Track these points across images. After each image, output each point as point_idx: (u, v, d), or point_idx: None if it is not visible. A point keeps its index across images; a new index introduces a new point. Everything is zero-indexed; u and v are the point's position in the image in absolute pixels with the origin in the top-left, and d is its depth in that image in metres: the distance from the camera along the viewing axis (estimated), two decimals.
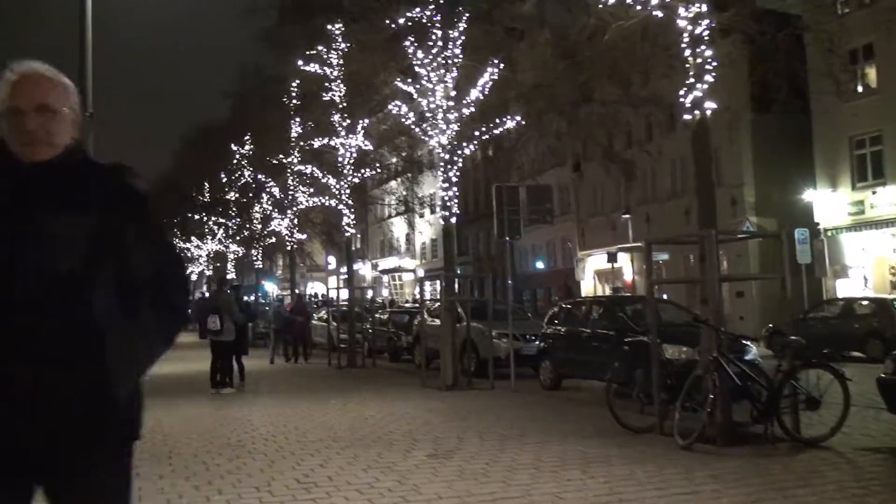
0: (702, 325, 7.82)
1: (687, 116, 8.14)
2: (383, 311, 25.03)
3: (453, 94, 13.81)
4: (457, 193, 14.01)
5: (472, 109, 13.87)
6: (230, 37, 33.24)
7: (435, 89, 13.73)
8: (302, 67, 18.81)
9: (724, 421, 7.38)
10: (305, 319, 21.27)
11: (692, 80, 8.00)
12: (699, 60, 7.96)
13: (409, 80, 14.13)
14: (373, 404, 11.29)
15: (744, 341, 11.16)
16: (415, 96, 14.07)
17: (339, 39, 17.76)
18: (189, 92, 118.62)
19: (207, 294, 29.69)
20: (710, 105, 8.04)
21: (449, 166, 13.90)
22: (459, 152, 13.98)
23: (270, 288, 54.42)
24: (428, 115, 13.83)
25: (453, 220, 14.09)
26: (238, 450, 7.61)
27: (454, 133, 13.82)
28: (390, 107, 14.26)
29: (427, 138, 14.09)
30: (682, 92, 8.09)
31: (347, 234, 20.43)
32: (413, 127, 14.41)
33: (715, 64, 7.97)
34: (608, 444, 7.55)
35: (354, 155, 19.25)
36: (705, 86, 7.97)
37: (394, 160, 22.69)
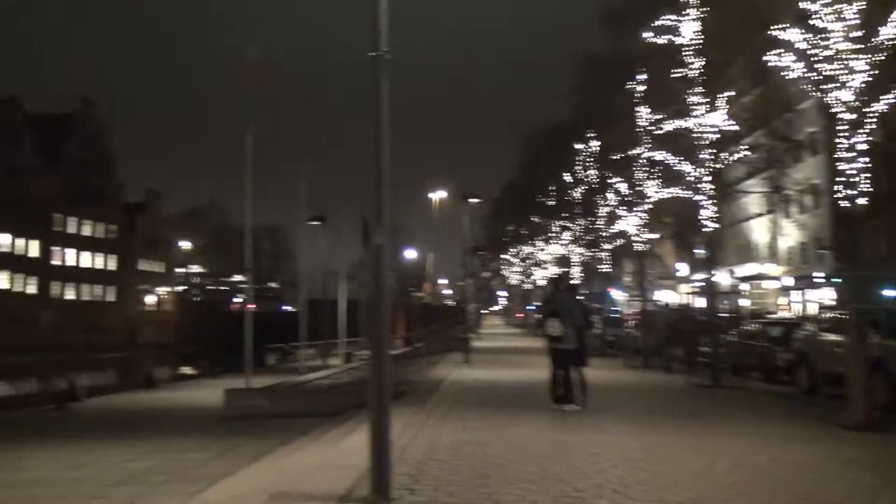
0: None
1: None
2: (749, 322, 21.64)
3: (858, 33, 10.28)
4: (867, 165, 10.35)
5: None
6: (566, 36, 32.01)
7: (829, 29, 10.34)
8: (649, 41, 16.80)
9: None
10: (696, 329, 19.31)
11: None
12: None
13: (787, 26, 10.88)
14: (756, 444, 8.45)
15: None
16: (796, 44, 10.79)
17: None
18: (533, 94, 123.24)
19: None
20: None
21: (855, 129, 10.36)
22: (869, 111, 10.37)
23: (617, 296, 52.12)
24: (820, 64, 10.45)
25: (863, 200, 10.38)
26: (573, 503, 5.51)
27: (862, 86, 10.27)
28: (767, 56, 11.10)
29: (819, 94, 10.64)
30: None
31: (707, 230, 17.36)
32: (800, 82, 11.06)
33: None
34: None
35: (717, 136, 16.31)
36: None
37: (763, 141, 19.02)
